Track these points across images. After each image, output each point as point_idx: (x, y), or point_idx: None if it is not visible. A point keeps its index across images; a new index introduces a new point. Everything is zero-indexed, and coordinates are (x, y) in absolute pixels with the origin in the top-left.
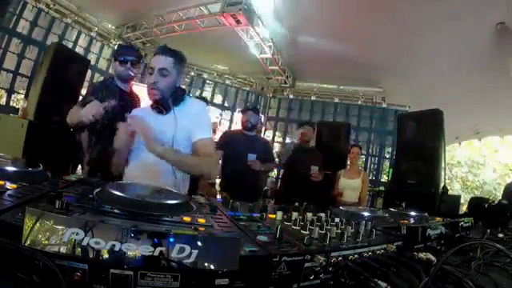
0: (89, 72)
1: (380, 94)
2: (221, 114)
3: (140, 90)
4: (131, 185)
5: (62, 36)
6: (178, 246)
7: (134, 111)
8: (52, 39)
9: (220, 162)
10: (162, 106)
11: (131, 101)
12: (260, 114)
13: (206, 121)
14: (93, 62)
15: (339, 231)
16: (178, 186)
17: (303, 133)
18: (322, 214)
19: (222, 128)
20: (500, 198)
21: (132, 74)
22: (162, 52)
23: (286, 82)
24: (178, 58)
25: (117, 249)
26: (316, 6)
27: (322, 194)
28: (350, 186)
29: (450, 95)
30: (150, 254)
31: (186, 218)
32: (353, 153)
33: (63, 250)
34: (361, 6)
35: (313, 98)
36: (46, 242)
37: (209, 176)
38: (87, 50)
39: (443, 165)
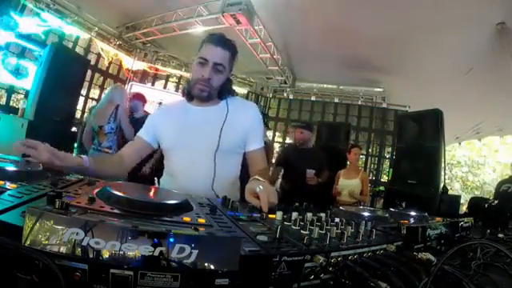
0: (89, 72)
1: (380, 93)
2: None
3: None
4: (131, 185)
5: (62, 36)
6: (177, 246)
7: (170, 105)
8: (52, 39)
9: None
10: (207, 98)
11: None
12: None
13: (261, 127)
14: (93, 62)
15: (339, 231)
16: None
17: (298, 137)
18: (322, 214)
19: None
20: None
21: None
22: (219, 43)
23: (286, 82)
24: (234, 52)
25: (117, 249)
26: (317, 6)
27: (321, 195)
28: (349, 185)
29: (450, 95)
30: (150, 254)
31: (186, 218)
32: (354, 154)
33: (63, 249)
34: (361, 6)
35: (313, 98)
36: (46, 242)
37: None
38: (87, 50)
39: (443, 165)
